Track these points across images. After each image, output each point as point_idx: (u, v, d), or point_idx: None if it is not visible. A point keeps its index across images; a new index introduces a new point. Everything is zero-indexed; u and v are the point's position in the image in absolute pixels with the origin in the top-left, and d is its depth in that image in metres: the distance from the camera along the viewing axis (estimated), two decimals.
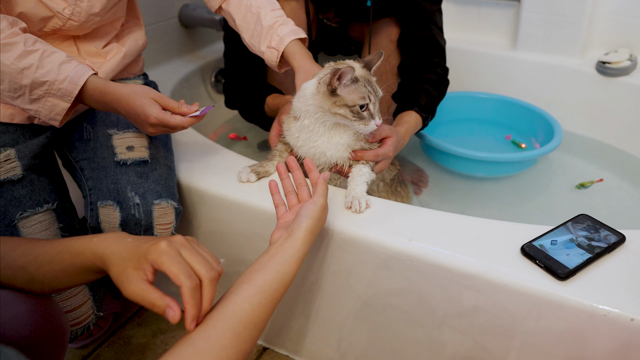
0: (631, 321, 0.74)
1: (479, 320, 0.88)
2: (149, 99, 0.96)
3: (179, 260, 0.62)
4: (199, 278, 0.63)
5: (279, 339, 1.19)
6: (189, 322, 0.62)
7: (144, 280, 0.62)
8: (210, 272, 0.63)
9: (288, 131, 1.06)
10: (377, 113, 0.97)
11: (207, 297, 0.63)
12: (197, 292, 0.62)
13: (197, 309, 0.62)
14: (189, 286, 0.60)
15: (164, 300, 0.61)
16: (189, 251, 0.64)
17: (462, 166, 1.58)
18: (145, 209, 0.99)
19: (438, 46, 1.36)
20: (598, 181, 1.55)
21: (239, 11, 1.14)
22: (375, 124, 0.96)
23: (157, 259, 0.62)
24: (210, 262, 0.65)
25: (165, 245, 0.63)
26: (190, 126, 0.99)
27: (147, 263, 0.62)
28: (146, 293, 0.61)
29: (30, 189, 1.01)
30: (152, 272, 0.63)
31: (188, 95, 1.75)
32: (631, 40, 1.75)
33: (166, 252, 0.62)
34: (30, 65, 0.90)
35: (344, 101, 0.94)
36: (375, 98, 0.96)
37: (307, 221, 0.81)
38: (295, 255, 0.78)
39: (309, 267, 1.03)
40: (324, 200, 0.86)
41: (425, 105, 1.26)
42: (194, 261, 0.63)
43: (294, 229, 0.81)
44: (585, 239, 0.87)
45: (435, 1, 1.37)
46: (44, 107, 0.94)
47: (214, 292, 0.64)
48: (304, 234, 0.80)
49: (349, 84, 0.94)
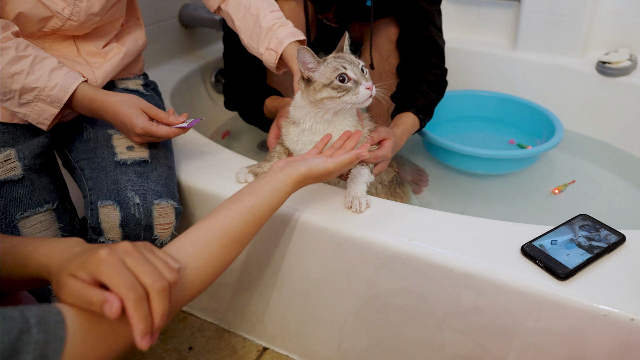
0: (631, 321, 0.74)
1: (479, 320, 0.88)
2: (137, 108, 0.98)
3: (119, 269, 0.56)
4: (145, 289, 0.56)
5: (279, 339, 1.19)
6: (139, 339, 0.54)
7: (79, 281, 0.56)
8: (158, 283, 0.57)
9: (287, 136, 1.06)
10: (362, 77, 0.94)
11: (156, 310, 0.56)
12: (142, 304, 0.55)
13: (145, 323, 0.55)
14: (131, 298, 0.54)
15: (101, 296, 0.55)
16: (134, 260, 0.58)
17: (464, 163, 1.59)
18: (145, 208, 0.99)
19: (437, 47, 1.36)
20: (570, 183, 1.55)
21: (237, 12, 1.14)
22: (366, 87, 0.94)
23: (95, 269, 0.56)
24: (160, 270, 0.59)
25: (105, 253, 0.57)
26: (175, 136, 1.02)
27: (85, 273, 0.56)
28: (81, 291, 0.55)
29: (30, 189, 1.01)
30: (89, 283, 0.56)
31: (188, 95, 1.75)
32: (631, 40, 1.75)
33: (105, 262, 0.56)
34: (21, 70, 0.91)
35: (321, 82, 0.95)
36: (352, 65, 0.95)
37: (305, 169, 0.86)
38: (283, 189, 0.83)
39: (309, 267, 1.03)
40: (333, 167, 0.88)
41: (423, 107, 1.26)
42: (140, 271, 0.57)
43: (291, 167, 0.85)
44: (585, 239, 0.87)
45: (434, 2, 1.37)
46: (32, 111, 0.95)
47: (165, 304, 0.57)
48: (296, 177, 0.85)
49: (317, 65, 0.95)
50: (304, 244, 1.01)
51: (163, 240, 1.03)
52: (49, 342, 0.52)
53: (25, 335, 0.51)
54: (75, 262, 0.58)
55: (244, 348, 1.21)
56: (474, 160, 1.55)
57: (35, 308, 0.54)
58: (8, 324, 0.50)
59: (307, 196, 1.02)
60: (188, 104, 1.73)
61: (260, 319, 1.19)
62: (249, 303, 1.18)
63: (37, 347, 0.51)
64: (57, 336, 0.53)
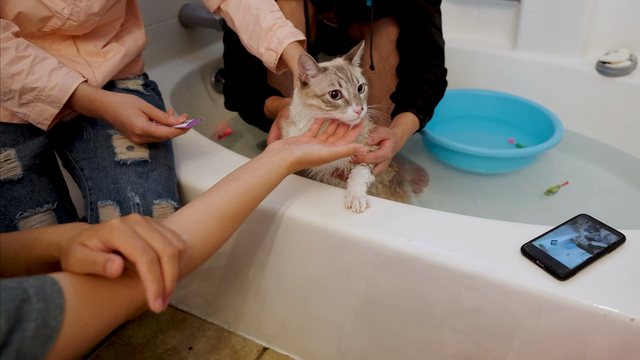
0: (631, 321, 0.74)
1: (479, 320, 0.88)
2: (136, 109, 0.98)
3: (132, 235, 0.58)
4: (157, 254, 0.58)
5: (279, 339, 1.19)
6: (152, 300, 0.56)
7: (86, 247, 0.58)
8: (168, 248, 0.59)
9: (287, 136, 1.06)
10: (354, 99, 0.94)
11: (168, 273, 0.58)
12: (155, 267, 0.57)
13: (158, 284, 0.56)
14: (144, 260, 0.56)
15: (105, 256, 0.56)
16: (145, 228, 0.60)
17: (464, 162, 1.59)
18: (145, 208, 0.99)
19: (437, 47, 1.36)
20: (564, 184, 1.55)
21: (237, 12, 1.14)
22: (354, 111, 0.93)
23: (108, 236, 0.57)
24: (169, 238, 0.61)
25: (118, 221, 0.59)
26: (175, 137, 1.02)
27: (97, 240, 0.58)
28: (88, 255, 0.57)
29: (30, 189, 1.01)
30: (100, 250, 0.58)
31: (188, 95, 1.75)
32: (631, 40, 1.75)
33: (118, 229, 0.58)
34: (21, 71, 0.92)
35: (314, 91, 0.95)
36: (349, 84, 0.94)
37: (301, 154, 0.87)
38: (279, 172, 0.84)
39: (309, 267, 1.03)
40: (328, 155, 0.89)
41: (423, 107, 1.26)
42: (150, 237, 0.59)
43: (288, 151, 0.86)
44: (585, 239, 0.87)
45: (434, 2, 1.37)
46: (32, 112, 0.96)
47: (176, 269, 0.59)
48: (292, 160, 0.86)
49: (316, 73, 0.95)
50: (304, 244, 1.01)
51: None
52: (49, 310, 0.53)
53: (26, 304, 0.52)
54: (88, 232, 0.59)
55: (244, 348, 1.21)
56: (474, 159, 1.56)
57: (31, 279, 0.54)
58: (9, 293, 0.51)
59: (307, 196, 1.02)
60: (188, 104, 1.73)
61: (260, 319, 1.19)
62: (249, 303, 1.18)
63: (38, 316, 0.52)
64: (57, 304, 0.54)
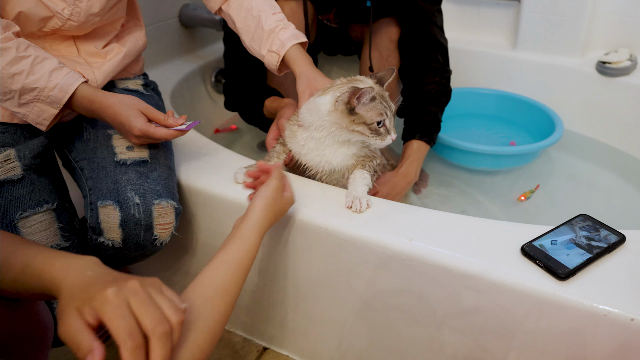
0: (631, 321, 0.74)
1: (479, 320, 0.88)
2: (135, 110, 0.98)
3: (122, 313, 0.55)
4: (146, 333, 0.56)
5: (279, 339, 1.19)
6: None
7: (81, 320, 0.55)
8: (159, 327, 0.56)
9: (292, 138, 1.06)
10: (392, 128, 1.00)
11: (156, 355, 0.55)
12: (139, 354, 0.54)
13: None
14: (128, 347, 0.53)
15: (89, 345, 0.53)
16: (139, 301, 0.57)
17: (464, 159, 1.60)
18: (145, 208, 0.99)
19: (440, 46, 1.36)
20: (535, 188, 1.54)
21: (239, 14, 1.14)
22: (391, 139, 0.99)
23: (99, 308, 0.55)
24: (165, 312, 0.58)
25: (112, 293, 0.56)
26: (174, 138, 1.02)
27: (90, 309, 0.56)
28: (77, 333, 0.54)
29: (30, 189, 1.01)
30: (93, 320, 0.55)
31: (188, 96, 1.75)
32: (631, 40, 1.75)
33: (110, 303, 0.55)
34: (22, 71, 0.91)
35: (362, 119, 0.96)
36: (391, 113, 0.99)
37: (259, 201, 0.86)
38: (252, 230, 0.83)
39: (309, 267, 1.03)
40: (276, 182, 0.90)
41: (427, 128, 1.32)
42: (143, 313, 0.56)
43: (248, 211, 0.86)
44: (585, 239, 0.87)
45: (434, 2, 1.37)
46: (32, 112, 0.95)
47: (166, 348, 0.56)
48: (258, 212, 0.85)
49: (367, 102, 0.96)
50: (304, 244, 1.01)
51: (163, 240, 1.03)
52: None
53: None
54: (84, 295, 0.57)
55: (244, 348, 1.21)
56: (474, 156, 1.56)
57: None
58: None
59: (307, 196, 1.02)
60: (188, 104, 1.73)
61: (260, 319, 1.19)
62: (249, 303, 1.18)
63: None
64: None
